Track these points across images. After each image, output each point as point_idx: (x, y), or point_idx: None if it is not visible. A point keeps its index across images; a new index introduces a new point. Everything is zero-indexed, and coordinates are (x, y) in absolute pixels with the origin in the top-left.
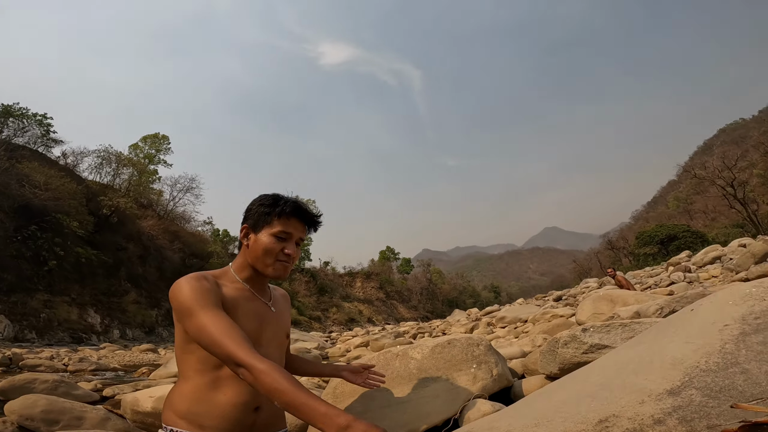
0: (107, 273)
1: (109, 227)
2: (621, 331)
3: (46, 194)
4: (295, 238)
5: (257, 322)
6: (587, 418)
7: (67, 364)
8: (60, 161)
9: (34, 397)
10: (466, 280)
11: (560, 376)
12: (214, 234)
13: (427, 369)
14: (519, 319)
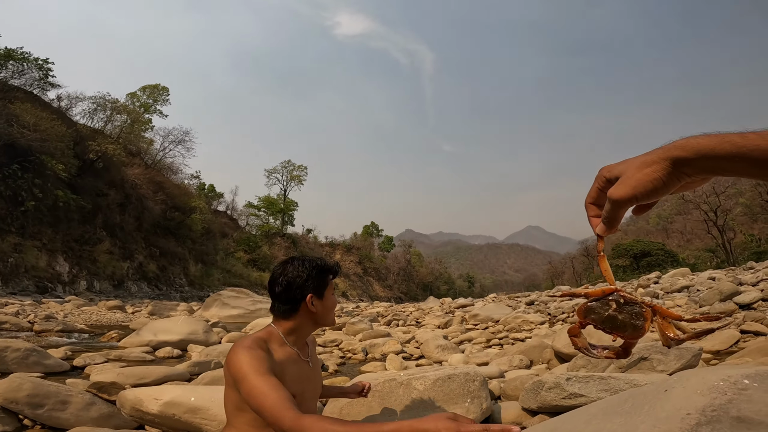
0: (83, 219)
1: (93, 172)
2: (598, 383)
3: (33, 135)
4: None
5: (301, 383)
6: None
7: (33, 322)
8: (54, 104)
9: (19, 379)
10: (443, 266)
11: (537, 412)
12: (200, 188)
13: (427, 400)
14: (491, 318)
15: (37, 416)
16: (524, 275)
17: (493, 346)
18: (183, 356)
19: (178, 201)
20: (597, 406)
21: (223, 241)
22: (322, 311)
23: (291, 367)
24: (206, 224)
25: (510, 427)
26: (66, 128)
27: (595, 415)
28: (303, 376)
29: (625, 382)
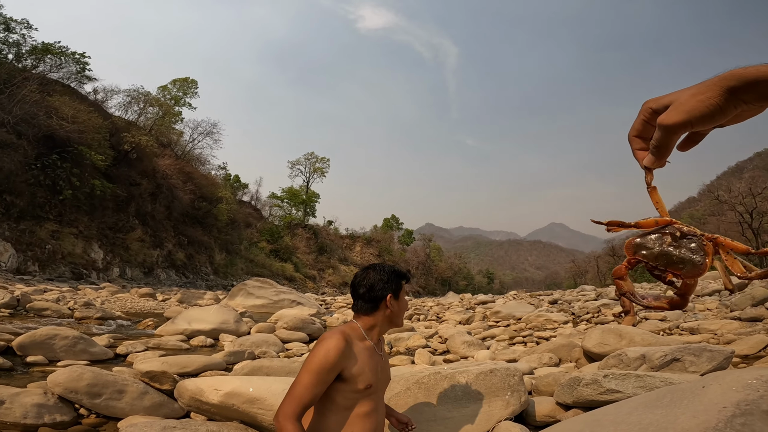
0: (117, 207)
1: (127, 162)
2: (634, 380)
3: (71, 126)
4: None
5: (376, 374)
6: None
7: (73, 309)
8: (90, 97)
9: (80, 369)
10: (463, 261)
11: (572, 406)
12: (226, 178)
13: (470, 393)
14: (513, 316)
15: (94, 406)
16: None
17: (517, 343)
18: (215, 345)
19: (206, 191)
20: (636, 401)
21: (247, 231)
22: (397, 311)
23: (369, 359)
24: (231, 214)
25: None
26: (102, 120)
27: (635, 408)
28: (378, 368)
29: (660, 380)
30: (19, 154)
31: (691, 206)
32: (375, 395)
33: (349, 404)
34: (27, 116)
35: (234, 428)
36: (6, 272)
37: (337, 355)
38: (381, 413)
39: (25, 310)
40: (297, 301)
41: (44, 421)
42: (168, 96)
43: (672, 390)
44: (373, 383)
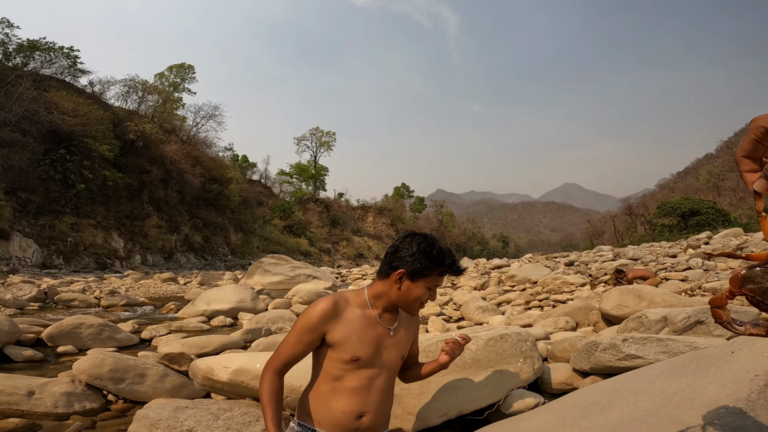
0: (131, 196)
1: (134, 151)
2: (656, 345)
3: (74, 120)
4: (436, 288)
5: (374, 348)
6: None
7: (99, 297)
8: (87, 90)
9: (101, 355)
10: (476, 226)
11: (589, 373)
12: (234, 159)
13: (480, 360)
14: (529, 279)
15: (119, 391)
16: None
17: (533, 308)
18: (235, 324)
19: (215, 173)
20: (659, 367)
21: (260, 209)
22: (405, 294)
23: (363, 328)
24: (243, 194)
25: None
26: (103, 111)
27: (658, 376)
28: (376, 341)
29: (684, 345)
30: (27, 151)
31: (709, 163)
32: (367, 371)
33: (337, 374)
34: (28, 113)
35: (246, 405)
36: (33, 267)
37: (318, 316)
38: (376, 393)
39: (54, 302)
40: (313, 275)
41: (74, 409)
42: (166, 83)
43: (698, 356)
44: (362, 356)
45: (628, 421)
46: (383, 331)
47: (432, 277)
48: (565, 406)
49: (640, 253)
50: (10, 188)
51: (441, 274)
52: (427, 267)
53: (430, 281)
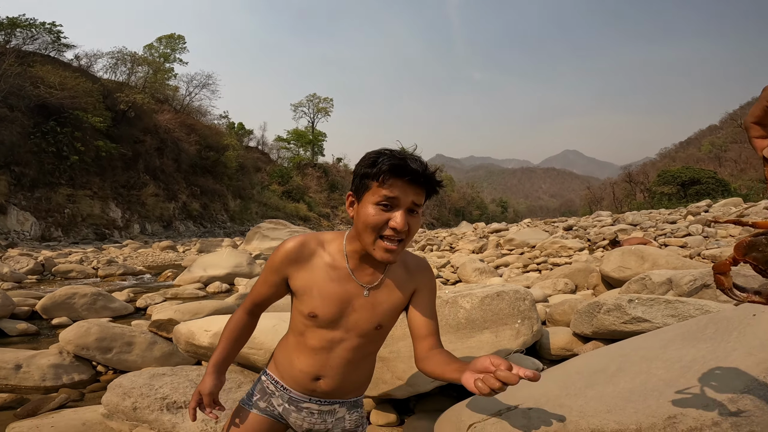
0: (126, 165)
1: (127, 122)
2: (664, 307)
3: (62, 93)
4: (406, 204)
5: (336, 307)
6: (657, 413)
7: (97, 267)
8: (74, 63)
9: (87, 324)
10: (475, 190)
11: (591, 338)
12: (230, 127)
13: (475, 320)
14: (527, 243)
15: (107, 361)
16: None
17: (531, 271)
18: (231, 290)
19: (211, 141)
20: (670, 332)
21: (258, 175)
22: (356, 222)
23: (328, 282)
24: (240, 160)
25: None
26: (92, 84)
27: (671, 341)
28: (341, 300)
29: (695, 308)
30: (16, 126)
31: (712, 134)
32: (328, 332)
33: (300, 329)
34: (14, 89)
35: (228, 371)
36: (31, 241)
37: (280, 257)
38: (337, 359)
39: (52, 274)
40: None
41: (63, 381)
42: (156, 54)
43: (714, 320)
44: (320, 314)
45: (642, 392)
46: (355, 289)
47: (373, 189)
48: (566, 374)
49: (639, 219)
50: (3, 162)
51: (378, 178)
52: (365, 175)
53: (375, 194)
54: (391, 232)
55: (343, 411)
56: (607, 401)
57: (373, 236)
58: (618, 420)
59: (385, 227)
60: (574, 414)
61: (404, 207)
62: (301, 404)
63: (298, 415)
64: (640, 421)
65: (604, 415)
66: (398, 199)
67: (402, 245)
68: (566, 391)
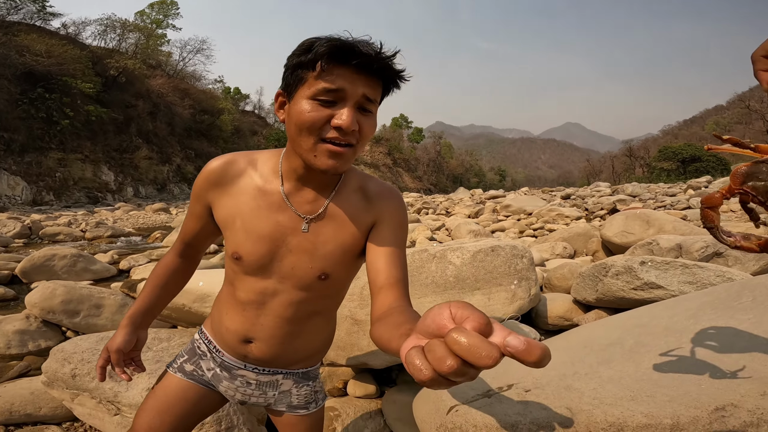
0: (118, 129)
1: (118, 87)
2: (681, 272)
3: (48, 61)
4: (354, 98)
5: (266, 245)
6: (701, 403)
7: (85, 230)
8: (61, 32)
9: (52, 285)
10: (474, 158)
11: (594, 306)
12: (225, 91)
13: (465, 278)
14: (524, 210)
15: (75, 325)
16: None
17: (527, 236)
18: (219, 250)
19: (206, 105)
20: (696, 299)
21: (254, 138)
22: (288, 124)
23: (255, 211)
24: (236, 123)
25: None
26: (80, 51)
27: (700, 310)
28: (271, 236)
29: (716, 275)
30: (3, 93)
31: (718, 114)
32: (257, 281)
33: (230, 276)
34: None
35: (190, 335)
36: (23, 205)
37: (202, 178)
38: (270, 317)
39: (39, 237)
40: None
41: (29, 348)
42: (148, 20)
43: (749, 287)
44: (244, 255)
45: (675, 373)
46: (290, 220)
47: (309, 81)
48: (571, 347)
49: (638, 190)
50: None
51: (315, 66)
52: (299, 65)
53: (311, 87)
54: (335, 133)
55: (288, 384)
56: (629, 384)
57: (312, 139)
58: (647, 411)
59: (327, 127)
60: (585, 400)
61: (352, 101)
62: (236, 371)
63: (231, 384)
64: (677, 414)
65: (627, 404)
66: (343, 91)
67: (352, 152)
68: (574, 369)
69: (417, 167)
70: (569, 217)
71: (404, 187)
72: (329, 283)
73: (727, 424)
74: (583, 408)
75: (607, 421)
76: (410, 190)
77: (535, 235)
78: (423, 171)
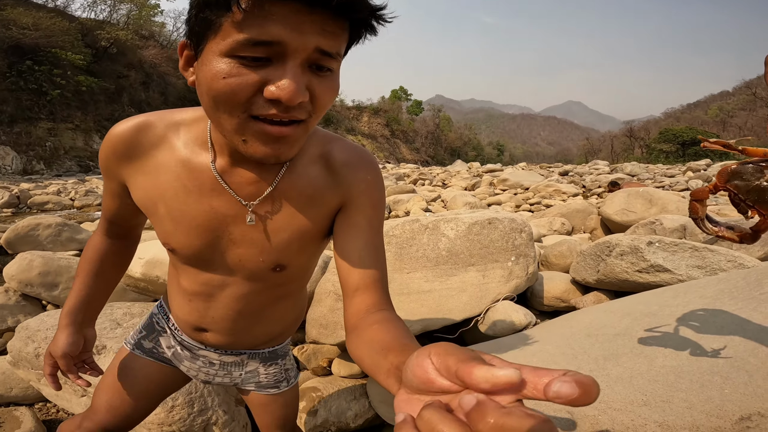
0: (109, 99)
1: (109, 58)
2: (689, 255)
3: (36, 33)
4: (301, 54)
5: (202, 238)
6: (724, 411)
7: (74, 198)
8: (48, 4)
9: (29, 255)
10: (473, 132)
11: (593, 288)
12: None
13: (459, 253)
14: (521, 185)
15: (54, 299)
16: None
17: (524, 211)
18: None
19: None
20: (710, 286)
21: None
22: (201, 97)
23: (178, 194)
24: None
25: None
26: (69, 23)
27: (716, 298)
28: (207, 226)
29: (727, 260)
30: None
31: (723, 99)
32: (202, 274)
33: (172, 260)
34: None
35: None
36: (13, 175)
37: (107, 149)
38: (222, 308)
39: (27, 206)
40: None
41: (8, 324)
42: None
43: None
44: (178, 248)
45: (694, 374)
46: (228, 205)
47: (224, 28)
48: (573, 334)
49: (637, 170)
50: None
51: (228, 5)
52: (208, 3)
53: (227, 39)
54: (271, 108)
55: (254, 364)
56: (641, 386)
57: (236, 118)
58: (662, 420)
59: (258, 100)
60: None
61: (299, 59)
62: (197, 351)
63: (192, 364)
64: (697, 423)
65: (639, 410)
66: (282, 44)
67: (303, 129)
68: (577, 363)
69: (415, 139)
70: (566, 194)
71: (401, 158)
72: (287, 273)
73: None
74: (588, 413)
75: (616, 430)
76: (408, 162)
77: (532, 210)
78: (421, 143)
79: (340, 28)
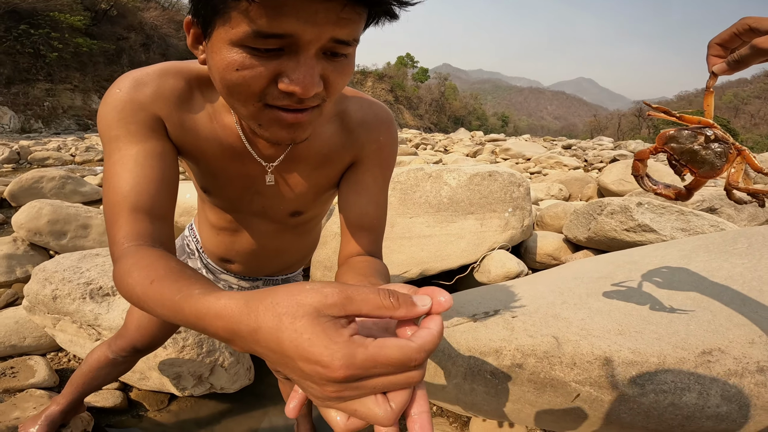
0: (108, 61)
1: (109, 20)
2: (675, 218)
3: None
4: (315, 45)
5: (236, 191)
6: (688, 344)
7: (75, 154)
8: None
9: (38, 203)
10: (478, 102)
11: (583, 246)
12: None
13: (460, 201)
14: (523, 155)
15: (62, 248)
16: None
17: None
18: None
19: None
20: (687, 245)
21: None
22: (215, 81)
23: (218, 158)
24: None
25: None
26: None
27: (692, 252)
28: (241, 183)
29: (710, 224)
30: None
31: (739, 86)
32: (228, 214)
33: (202, 197)
34: None
35: None
36: (11, 133)
37: (142, 91)
38: (247, 243)
39: (28, 162)
40: None
41: (16, 275)
42: None
43: (746, 234)
44: (215, 194)
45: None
46: (253, 166)
47: (234, 18)
48: (561, 277)
49: (641, 147)
50: None
51: None
52: None
53: (236, 28)
54: (286, 99)
55: None
56: (618, 318)
57: (250, 106)
58: (634, 347)
59: (272, 90)
60: (573, 330)
61: (313, 50)
62: (219, 275)
63: None
64: (664, 353)
65: (615, 338)
66: (295, 37)
67: (318, 112)
68: (563, 298)
69: (419, 106)
70: (567, 166)
71: (404, 124)
72: (304, 217)
73: (712, 369)
74: (570, 338)
75: (594, 353)
76: (410, 128)
77: (531, 179)
78: (425, 110)
79: (357, 14)
